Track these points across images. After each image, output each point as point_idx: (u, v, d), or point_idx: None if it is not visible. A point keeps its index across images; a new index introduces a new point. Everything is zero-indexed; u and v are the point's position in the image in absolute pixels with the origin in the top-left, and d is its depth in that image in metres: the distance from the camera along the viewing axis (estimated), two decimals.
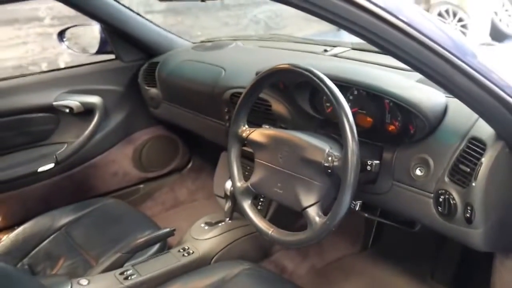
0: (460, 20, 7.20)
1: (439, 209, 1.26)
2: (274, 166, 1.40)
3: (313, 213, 1.30)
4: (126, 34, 2.32)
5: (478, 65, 0.94)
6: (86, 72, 2.37)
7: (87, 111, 2.25)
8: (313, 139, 1.35)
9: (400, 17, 0.87)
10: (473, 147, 1.20)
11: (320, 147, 1.31)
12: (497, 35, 7.39)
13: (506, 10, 7.75)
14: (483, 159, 1.15)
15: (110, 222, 1.94)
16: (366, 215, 1.67)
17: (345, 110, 1.22)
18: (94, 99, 2.27)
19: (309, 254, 2.13)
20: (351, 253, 2.17)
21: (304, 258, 2.12)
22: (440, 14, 7.15)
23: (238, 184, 1.51)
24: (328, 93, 1.25)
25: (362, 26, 0.86)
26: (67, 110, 2.20)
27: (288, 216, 1.74)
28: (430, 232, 1.38)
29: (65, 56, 4.28)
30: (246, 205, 1.49)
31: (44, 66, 4.33)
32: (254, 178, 1.46)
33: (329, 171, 1.28)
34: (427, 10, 7.19)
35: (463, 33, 6.95)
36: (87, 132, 2.25)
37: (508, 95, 0.97)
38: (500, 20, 7.57)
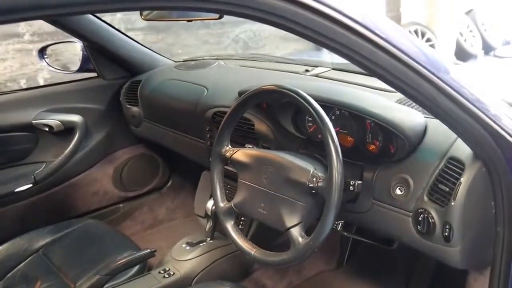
0: (428, 40, 7.49)
1: (418, 228, 1.28)
2: (257, 187, 1.40)
3: (296, 233, 1.30)
4: (109, 52, 2.31)
5: (450, 81, 0.95)
6: (67, 90, 2.34)
7: (67, 130, 2.22)
8: (297, 160, 1.36)
9: (377, 32, 0.88)
10: (452, 167, 1.22)
11: (304, 168, 1.32)
12: (462, 54, 7.74)
13: (471, 31, 8.14)
14: (461, 179, 1.17)
15: (89, 244, 1.92)
16: (345, 233, 1.69)
17: (331, 131, 1.24)
18: (75, 118, 2.24)
19: (287, 271, 2.13)
20: (327, 270, 2.17)
21: (282, 276, 2.12)
22: None
23: (221, 204, 1.51)
24: (314, 114, 1.27)
25: (341, 43, 0.86)
26: (47, 129, 2.17)
27: (269, 234, 1.74)
28: (404, 249, 1.38)
29: (44, 72, 4.25)
30: (229, 225, 1.48)
31: (23, 83, 4.30)
32: (238, 198, 1.46)
33: (314, 191, 1.28)
34: None
35: None
36: (67, 151, 2.21)
37: (479, 109, 0.98)
38: (465, 41, 7.96)
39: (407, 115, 1.35)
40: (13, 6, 0.59)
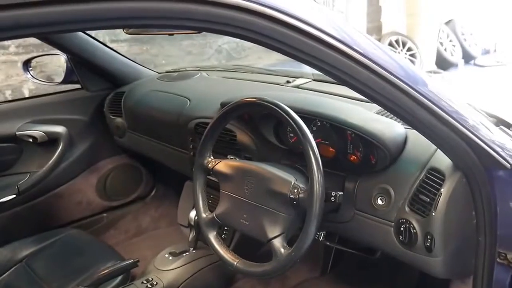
0: (409, 49, 7.63)
1: (400, 238, 1.29)
2: (240, 198, 1.40)
3: (278, 244, 1.31)
4: (92, 64, 2.32)
5: (429, 94, 0.97)
6: (51, 101, 2.35)
7: (51, 141, 2.22)
8: (279, 171, 1.36)
9: (355, 47, 0.89)
10: (432, 177, 1.24)
11: (286, 179, 1.32)
12: (442, 63, 7.94)
13: (451, 41, 8.34)
14: (442, 190, 1.19)
15: (72, 254, 1.92)
16: (327, 243, 1.69)
17: (311, 143, 1.25)
18: (59, 129, 2.25)
19: (271, 280, 2.13)
20: (311, 278, 2.17)
21: (266, 285, 2.12)
22: (390, 44, 7.52)
23: (204, 215, 1.50)
24: (294, 126, 1.28)
25: (319, 58, 0.87)
26: (31, 140, 2.17)
27: (252, 244, 1.75)
28: (389, 257, 1.40)
29: (29, 84, 4.24)
30: (212, 236, 1.48)
31: (8, 94, 4.29)
32: (220, 209, 1.46)
33: (295, 202, 1.29)
34: (379, 40, 7.52)
35: (412, 62, 7.34)
36: (51, 162, 2.22)
37: (457, 121, 1.00)
38: (445, 50, 8.15)
39: (387, 126, 1.37)
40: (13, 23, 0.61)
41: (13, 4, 0.60)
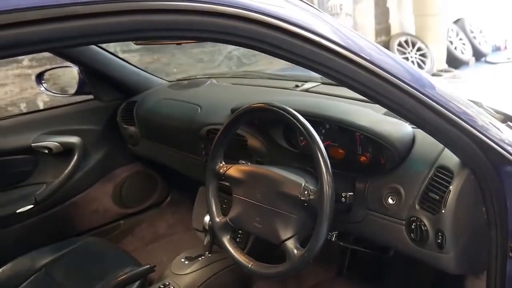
0: (419, 49, 7.58)
1: (412, 236, 1.31)
2: (252, 201, 1.42)
3: (291, 245, 1.33)
4: (104, 75, 2.36)
5: (437, 96, 0.98)
6: (65, 113, 2.39)
7: (66, 151, 2.26)
8: (289, 174, 1.39)
9: (360, 53, 0.91)
10: (441, 175, 1.25)
11: (296, 181, 1.34)
12: (453, 62, 7.90)
13: (460, 39, 8.30)
14: (451, 187, 1.20)
15: (90, 261, 1.94)
16: (341, 243, 1.70)
17: (319, 146, 1.27)
18: (73, 139, 2.28)
19: (288, 282, 2.15)
20: (328, 279, 2.19)
21: (283, 286, 2.13)
22: (400, 45, 7.50)
23: (217, 219, 1.53)
24: (302, 130, 1.31)
25: (327, 65, 0.89)
26: (46, 151, 2.21)
27: (267, 247, 1.77)
28: (404, 255, 1.42)
29: (43, 96, 4.28)
30: (226, 240, 1.50)
31: (23, 107, 4.34)
32: (233, 213, 1.48)
33: (306, 204, 1.31)
34: (388, 41, 7.49)
35: (423, 61, 7.32)
36: (66, 171, 2.25)
37: (466, 122, 1.01)
38: (455, 48, 8.13)
39: (395, 127, 1.39)
40: (19, 40, 0.63)
41: (28, 21, 0.62)
